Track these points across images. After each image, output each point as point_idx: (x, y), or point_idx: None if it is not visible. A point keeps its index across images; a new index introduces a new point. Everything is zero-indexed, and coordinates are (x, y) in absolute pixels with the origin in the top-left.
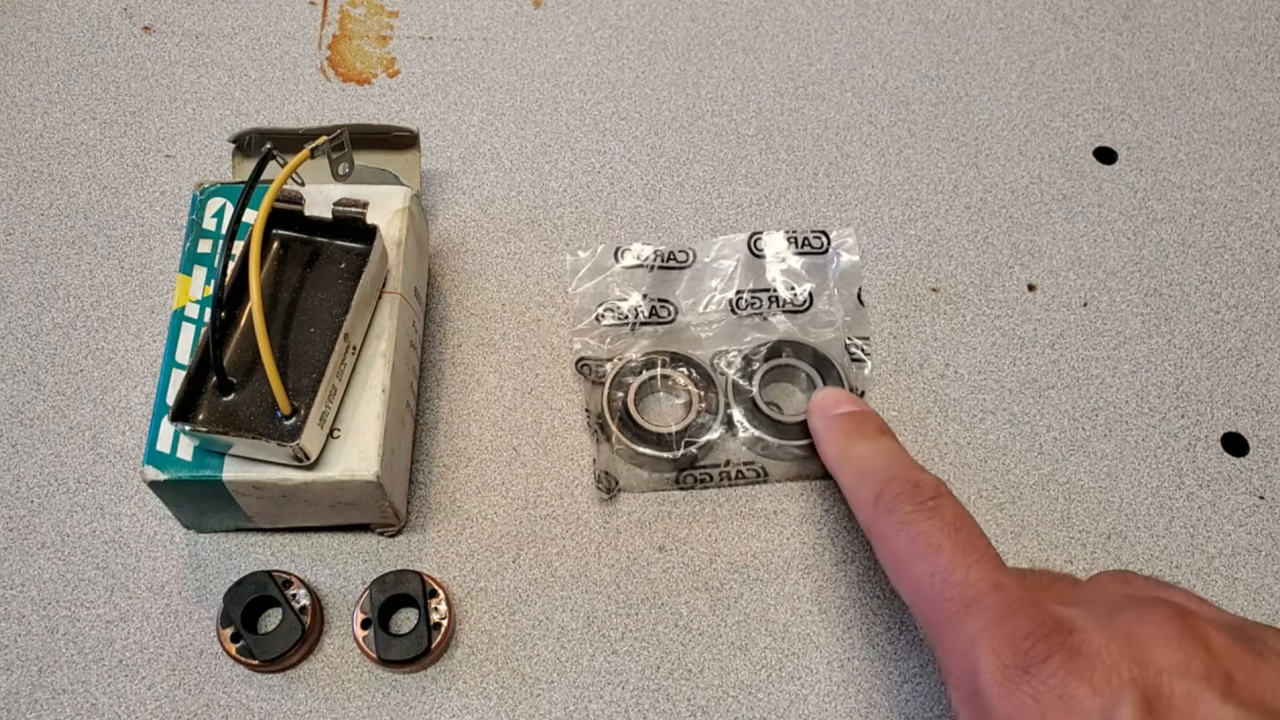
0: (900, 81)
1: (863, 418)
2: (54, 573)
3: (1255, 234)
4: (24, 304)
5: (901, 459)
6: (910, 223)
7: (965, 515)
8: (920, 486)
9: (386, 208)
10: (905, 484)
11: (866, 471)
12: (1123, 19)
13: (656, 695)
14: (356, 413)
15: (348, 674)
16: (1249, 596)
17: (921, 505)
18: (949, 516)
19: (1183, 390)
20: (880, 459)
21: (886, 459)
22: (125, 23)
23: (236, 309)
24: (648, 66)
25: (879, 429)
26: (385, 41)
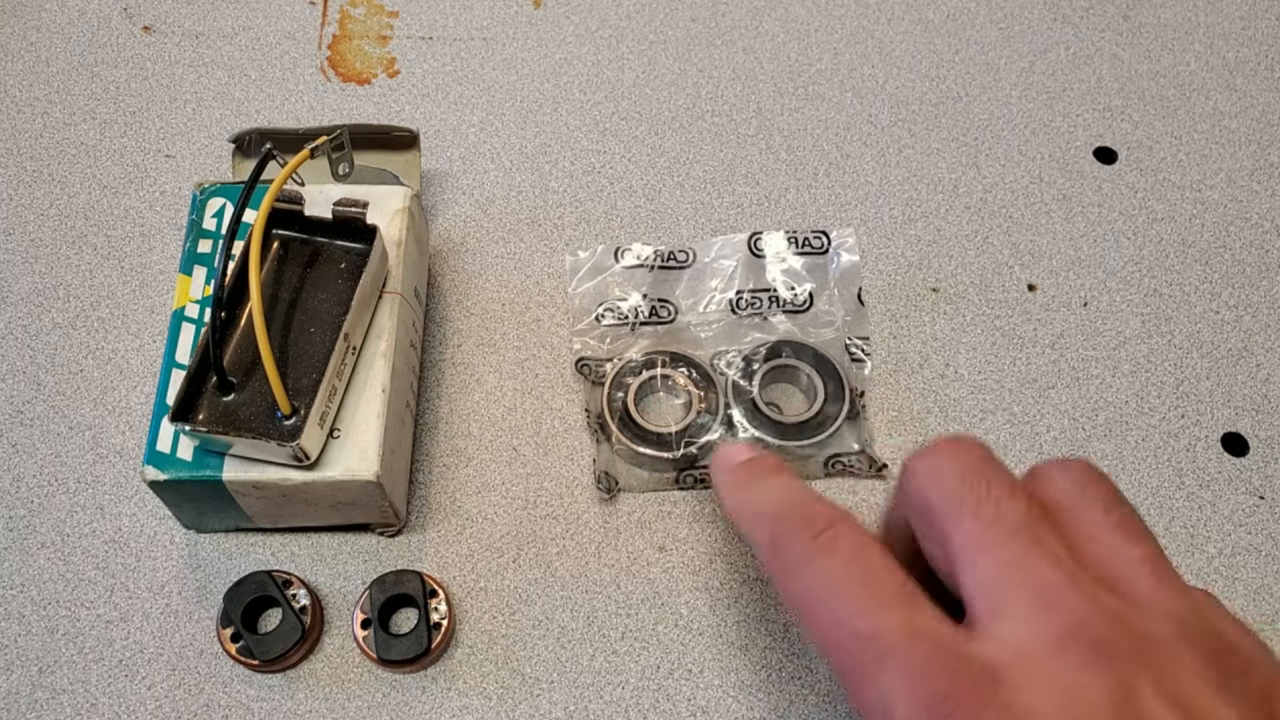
0: (900, 81)
1: (757, 462)
2: (54, 573)
3: (1255, 234)
4: (24, 304)
5: (794, 492)
6: (910, 223)
7: (867, 542)
8: (813, 519)
9: (386, 208)
10: (799, 518)
11: (760, 514)
12: (1123, 19)
13: (656, 695)
14: (356, 413)
15: (348, 674)
16: (1249, 596)
17: (815, 540)
18: (846, 550)
19: (1183, 390)
20: (773, 496)
21: (779, 495)
22: (125, 23)
23: (236, 309)
24: (648, 66)
25: (773, 468)
26: (385, 41)
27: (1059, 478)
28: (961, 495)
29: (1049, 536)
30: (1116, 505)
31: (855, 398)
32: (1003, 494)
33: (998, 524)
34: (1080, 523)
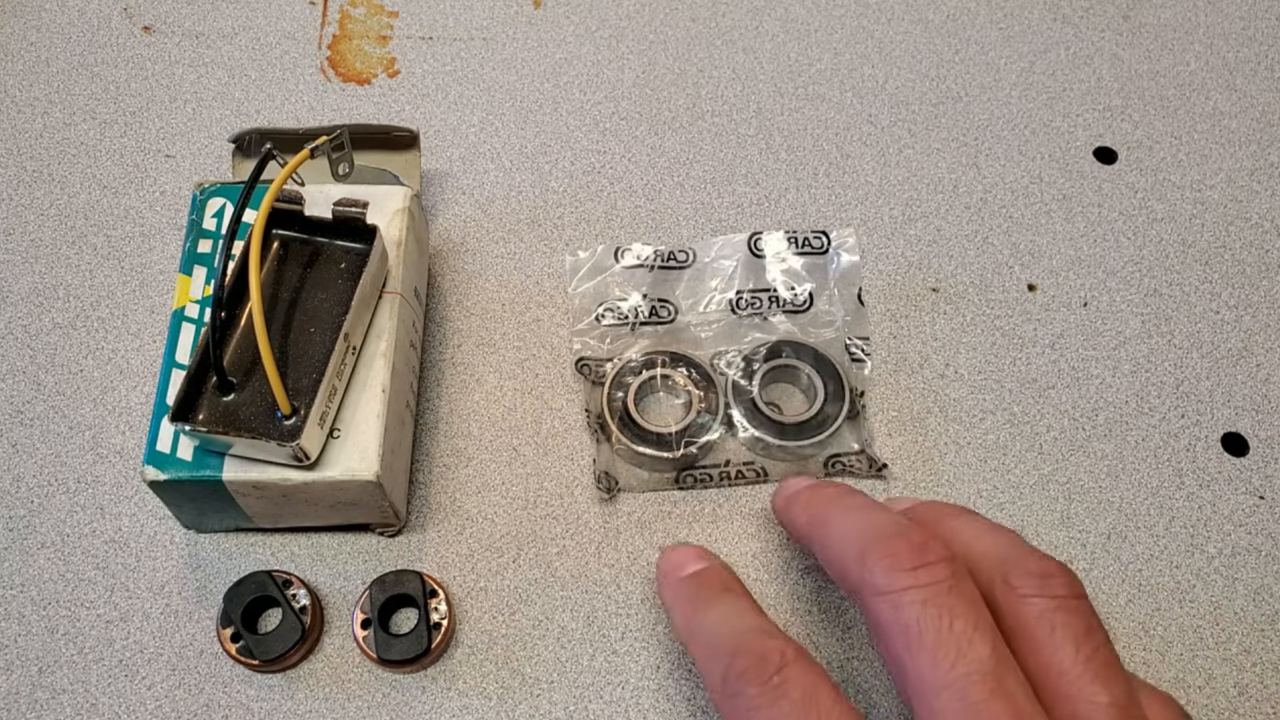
0: (900, 81)
1: (707, 577)
2: (54, 573)
3: (1255, 234)
4: (24, 304)
5: (748, 624)
6: (910, 223)
7: (819, 684)
8: (765, 659)
9: (386, 208)
10: (750, 658)
11: (712, 647)
12: (1123, 19)
13: (656, 695)
14: (356, 413)
15: (348, 674)
16: (1249, 596)
17: (766, 684)
18: (797, 694)
19: (1183, 390)
20: (724, 626)
21: (731, 627)
22: (125, 23)
23: (236, 309)
24: (648, 66)
25: (724, 587)
26: (385, 41)
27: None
28: (922, 631)
29: (1011, 682)
30: (1089, 637)
31: (855, 398)
32: (966, 632)
33: (958, 667)
34: (1048, 655)
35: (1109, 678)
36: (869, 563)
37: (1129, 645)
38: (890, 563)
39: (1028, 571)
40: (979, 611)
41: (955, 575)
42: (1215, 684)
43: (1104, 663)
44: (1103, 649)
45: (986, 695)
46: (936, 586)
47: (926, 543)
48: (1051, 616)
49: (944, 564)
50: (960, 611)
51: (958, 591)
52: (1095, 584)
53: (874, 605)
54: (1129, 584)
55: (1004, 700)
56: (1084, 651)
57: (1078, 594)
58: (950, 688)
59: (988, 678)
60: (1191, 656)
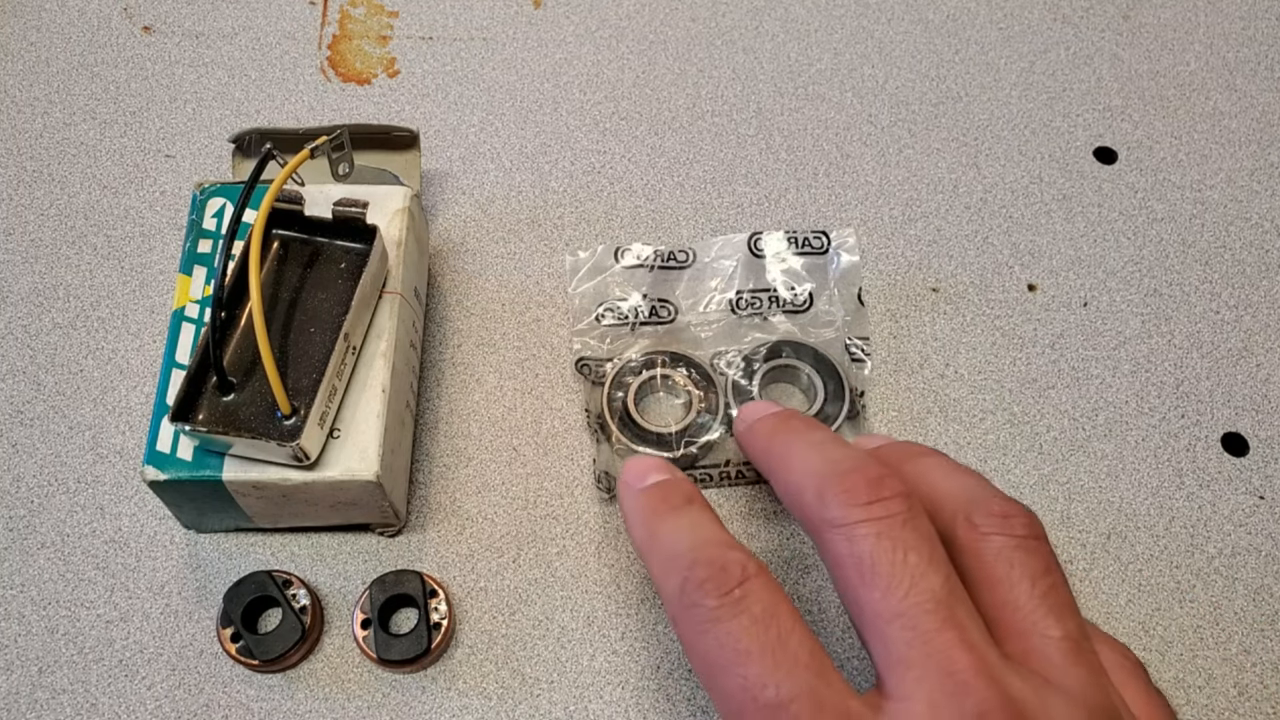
0: (900, 81)
1: (669, 488)
2: (54, 573)
3: (1255, 234)
4: (24, 304)
5: (709, 534)
6: (910, 223)
7: (779, 602)
8: (726, 570)
9: (386, 208)
10: (710, 570)
11: (670, 556)
12: (1123, 19)
13: (656, 695)
14: (356, 413)
15: (348, 674)
16: (1249, 596)
17: (726, 596)
18: (758, 609)
19: (1183, 390)
20: (685, 538)
21: (692, 537)
22: (125, 23)
23: (236, 309)
24: (648, 66)
25: (687, 498)
26: (385, 41)
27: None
28: (875, 562)
29: (962, 612)
30: (1045, 575)
31: (855, 398)
32: (920, 565)
33: (910, 598)
34: (1004, 591)
35: (1062, 614)
36: (825, 497)
37: (1129, 645)
38: (846, 497)
39: (990, 511)
40: (933, 546)
41: (910, 510)
42: (1215, 684)
43: (1058, 600)
44: (1058, 588)
45: (937, 625)
46: (891, 520)
47: (883, 477)
48: (1010, 554)
49: (899, 498)
50: (914, 545)
51: (912, 525)
52: (1095, 584)
53: (829, 538)
54: (1129, 584)
55: (954, 630)
56: (1039, 588)
57: (1037, 535)
58: (902, 617)
59: (939, 608)
60: (1191, 656)
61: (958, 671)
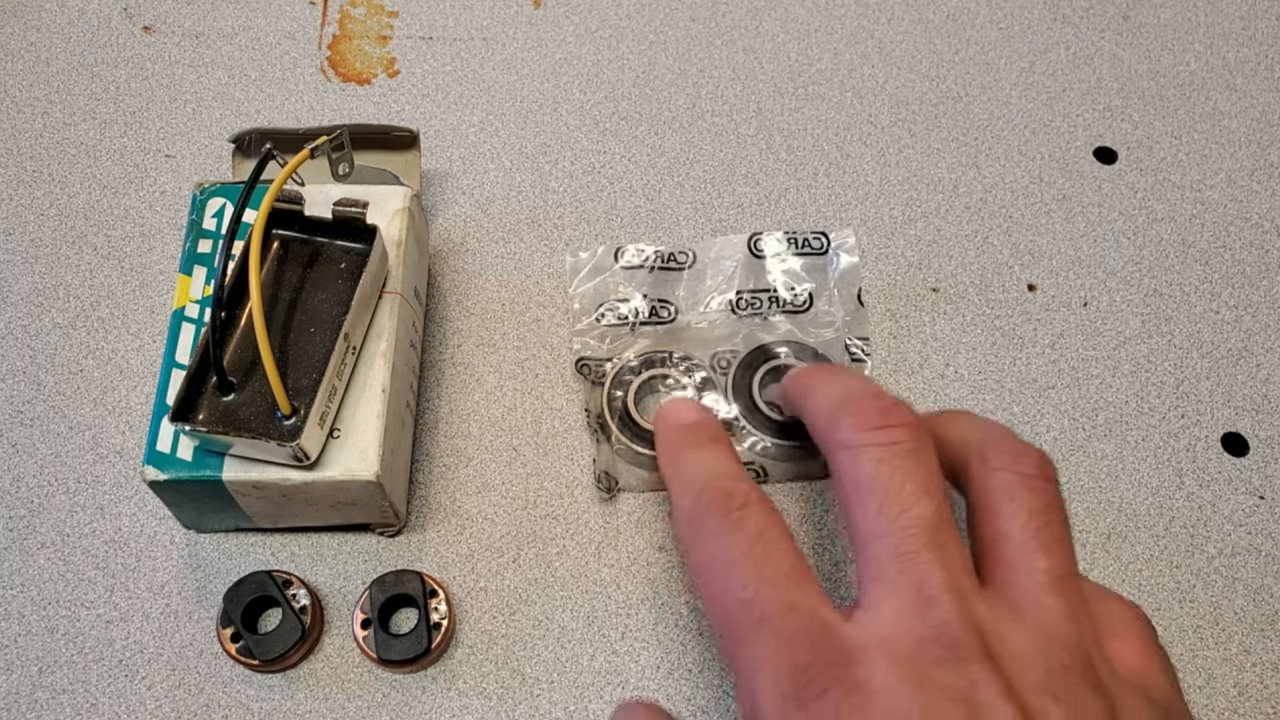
0: (900, 81)
1: (699, 427)
2: (54, 573)
3: (1255, 234)
4: (24, 304)
5: (722, 466)
6: (910, 223)
7: (772, 525)
8: (731, 496)
9: (386, 208)
10: (717, 494)
11: (687, 481)
12: (1123, 19)
13: (656, 695)
14: (356, 413)
15: (348, 674)
16: (1249, 596)
17: (726, 516)
18: (752, 529)
19: (1183, 390)
20: (702, 468)
21: (708, 468)
22: (125, 23)
23: (236, 309)
24: (648, 66)
25: (712, 437)
26: (385, 41)
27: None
28: (873, 484)
29: (947, 540)
30: (1042, 512)
31: None
32: (914, 493)
33: (899, 521)
34: (999, 521)
35: (1051, 548)
36: (838, 419)
37: None
38: (856, 420)
39: (1003, 449)
40: (931, 477)
41: (916, 440)
42: (1215, 684)
43: (1050, 536)
44: (1053, 525)
45: (918, 547)
46: (895, 447)
47: (894, 406)
48: (1013, 489)
49: (906, 428)
50: (912, 473)
51: (914, 456)
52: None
53: (836, 458)
54: (1129, 584)
55: (934, 553)
56: (1034, 522)
57: (1046, 476)
58: (888, 536)
59: (924, 532)
60: (1191, 656)
61: (927, 588)
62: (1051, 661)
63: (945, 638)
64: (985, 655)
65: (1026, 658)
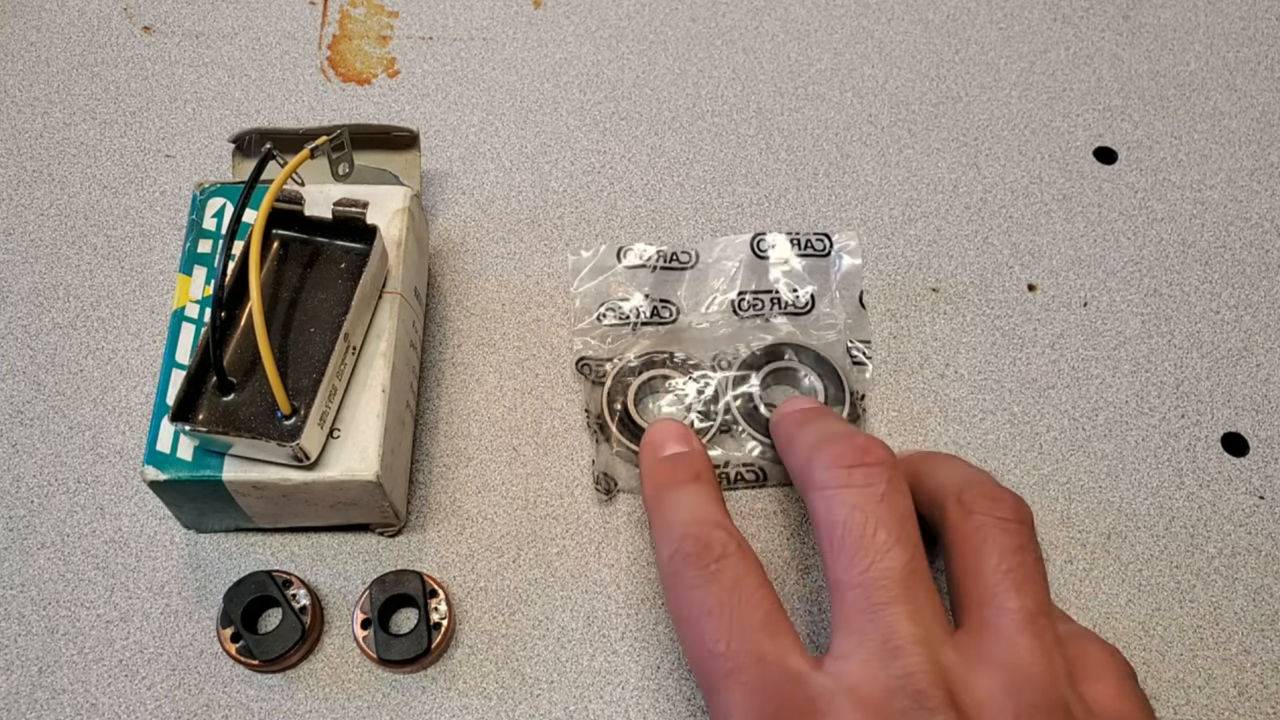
0: (900, 81)
1: (682, 461)
2: (54, 573)
3: (1255, 234)
4: (24, 304)
5: (703, 512)
6: (910, 223)
7: (748, 574)
8: (708, 548)
9: (386, 208)
10: (695, 544)
11: (667, 526)
12: (1123, 19)
13: (656, 695)
14: (356, 413)
15: (348, 674)
16: (1249, 596)
17: (704, 569)
18: (728, 581)
19: (1183, 390)
20: (683, 512)
21: (689, 512)
22: (125, 23)
23: (236, 309)
24: (648, 66)
25: (695, 474)
26: (385, 41)
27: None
28: (846, 532)
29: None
30: (1015, 552)
31: (856, 401)
32: (886, 542)
33: (870, 572)
34: (973, 562)
35: (1022, 588)
36: (814, 460)
37: (1129, 645)
38: (831, 459)
39: (980, 493)
40: (904, 525)
41: (890, 484)
42: (1215, 684)
43: (1022, 576)
44: (1026, 565)
45: (888, 599)
46: (870, 491)
47: (869, 444)
48: (986, 531)
49: (881, 468)
50: (885, 522)
51: (889, 502)
52: (1095, 584)
53: (812, 499)
54: (1129, 584)
55: (904, 605)
56: (1006, 563)
57: (1020, 519)
58: (859, 587)
59: (895, 584)
60: (1191, 656)
61: (895, 639)
62: (1021, 702)
63: (911, 688)
64: (950, 705)
65: (996, 703)
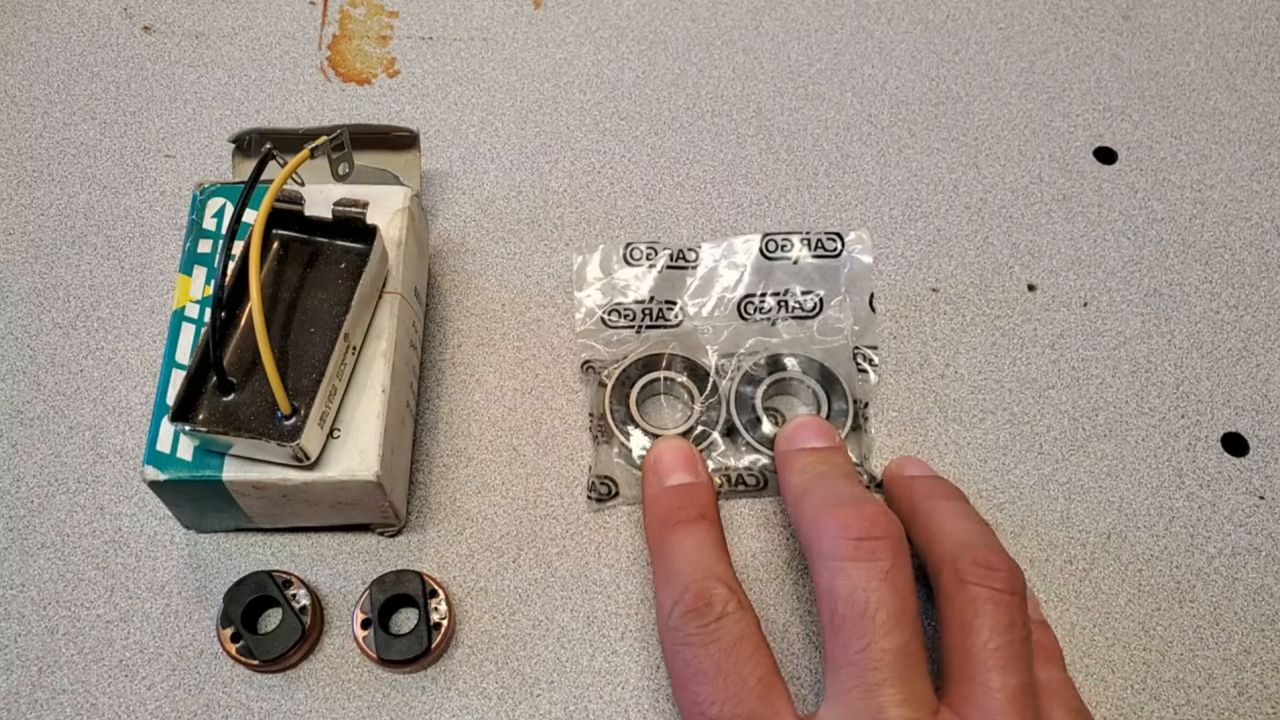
0: (900, 81)
1: (689, 495)
2: (54, 573)
3: (1255, 234)
4: (24, 304)
5: (706, 562)
6: (910, 223)
7: (747, 634)
8: (710, 604)
9: (386, 208)
10: (697, 599)
11: (670, 573)
12: (1123, 19)
13: (656, 695)
14: (356, 413)
15: (348, 674)
16: (1249, 596)
17: (704, 628)
18: (726, 642)
19: (1183, 390)
20: (687, 560)
21: (692, 561)
22: (125, 23)
23: (236, 309)
24: (648, 66)
25: (699, 512)
26: (385, 41)
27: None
28: (848, 609)
29: (912, 673)
30: (1004, 631)
31: (859, 410)
32: (885, 623)
33: (867, 651)
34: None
35: (1008, 667)
36: (819, 526)
37: (1129, 645)
38: (839, 529)
39: (975, 560)
40: (903, 605)
41: (895, 562)
42: (1215, 684)
43: (1010, 654)
44: (1015, 643)
45: (881, 680)
46: (874, 568)
47: (876, 517)
48: (980, 604)
49: (887, 543)
50: (886, 603)
51: (890, 582)
52: (1095, 584)
53: (816, 567)
54: (1129, 584)
55: (897, 687)
56: (996, 640)
57: (1013, 590)
58: (853, 666)
59: (887, 667)
60: (1191, 656)
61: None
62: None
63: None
64: None
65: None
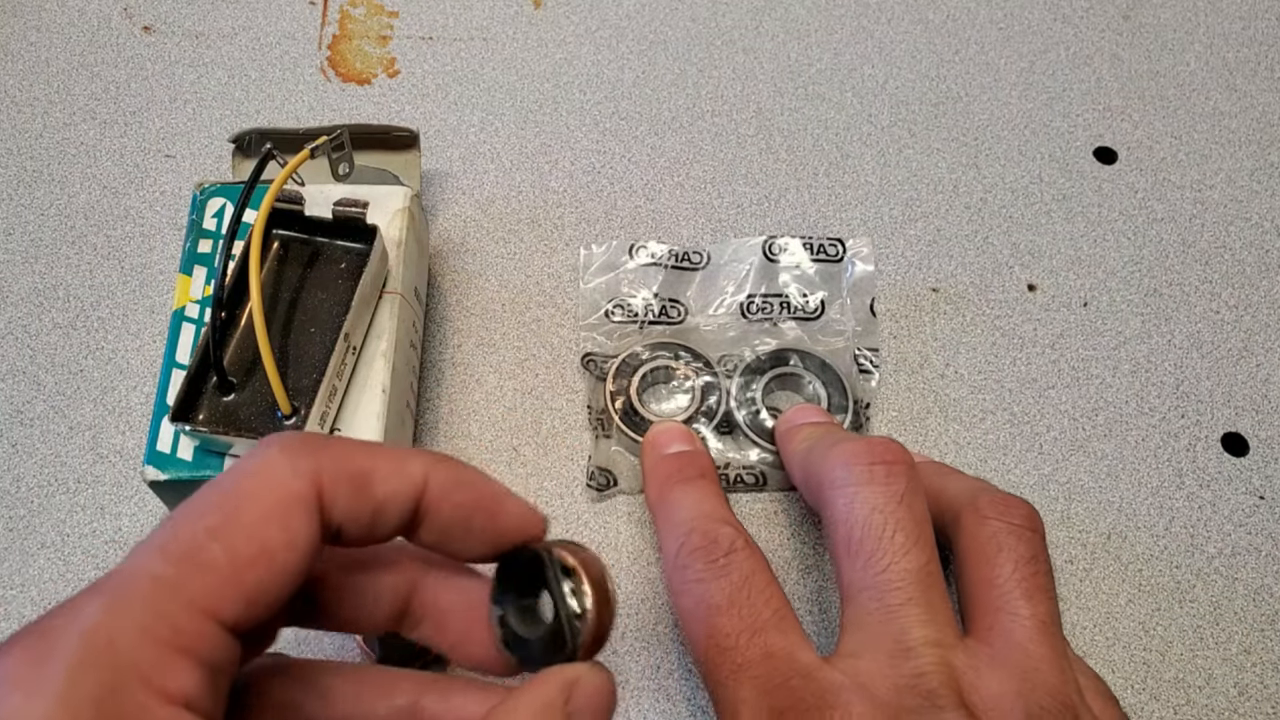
0: (900, 81)
1: (687, 460)
2: (54, 573)
3: (1255, 234)
4: (24, 304)
5: (709, 508)
6: (910, 223)
7: (757, 570)
8: (716, 542)
9: (386, 208)
10: (703, 539)
11: (673, 522)
12: (1123, 19)
13: (656, 695)
14: (356, 413)
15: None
16: (1249, 596)
17: (712, 564)
18: (736, 577)
19: (1183, 390)
20: (688, 509)
21: (694, 509)
22: (125, 23)
23: (236, 309)
24: (648, 66)
25: (700, 472)
26: (385, 41)
27: (995, 517)
28: (865, 532)
29: (933, 593)
30: (1029, 563)
31: (860, 409)
32: (904, 544)
33: (887, 573)
34: (988, 569)
35: (1035, 596)
36: (831, 460)
37: (1129, 645)
38: (851, 457)
39: (994, 500)
40: (921, 529)
41: (910, 487)
42: (1215, 684)
43: (1035, 585)
44: (1039, 575)
45: (903, 601)
46: (890, 490)
47: (888, 444)
48: (1001, 538)
49: (903, 467)
50: (904, 525)
51: (908, 505)
52: (1095, 584)
53: (830, 496)
54: (1129, 584)
55: (918, 607)
56: (1020, 571)
57: (1033, 526)
58: (873, 588)
59: (909, 586)
60: (1191, 656)
61: (908, 640)
62: (1032, 703)
63: (922, 687)
64: (960, 704)
65: (1006, 703)
